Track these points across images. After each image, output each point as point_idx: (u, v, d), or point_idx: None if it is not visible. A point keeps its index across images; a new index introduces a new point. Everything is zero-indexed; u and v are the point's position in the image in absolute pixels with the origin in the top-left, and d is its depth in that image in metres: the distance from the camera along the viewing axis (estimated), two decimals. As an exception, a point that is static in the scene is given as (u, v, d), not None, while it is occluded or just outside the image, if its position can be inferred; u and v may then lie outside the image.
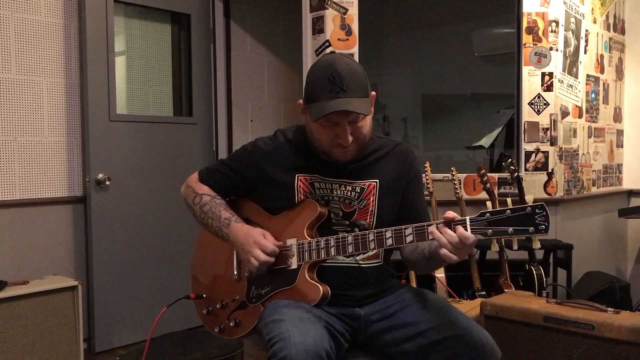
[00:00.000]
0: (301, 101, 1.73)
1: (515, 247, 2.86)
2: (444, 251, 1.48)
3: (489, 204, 2.80)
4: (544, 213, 1.40)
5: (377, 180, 1.77)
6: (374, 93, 1.70)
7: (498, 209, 1.46)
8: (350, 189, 1.76)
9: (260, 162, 1.79)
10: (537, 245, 2.86)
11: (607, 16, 3.96)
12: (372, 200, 1.76)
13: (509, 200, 2.72)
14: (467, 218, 1.47)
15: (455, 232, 1.47)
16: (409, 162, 1.83)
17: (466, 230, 1.46)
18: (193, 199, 1.88)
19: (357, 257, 1.74)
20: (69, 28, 3.40)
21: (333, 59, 1.65)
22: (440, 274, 2.86)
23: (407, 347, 1.65)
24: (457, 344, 1.56)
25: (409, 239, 1.55)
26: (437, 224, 1.50)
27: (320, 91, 1.62)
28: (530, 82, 3.38)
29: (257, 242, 1.71)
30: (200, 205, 1.86)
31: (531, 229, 1.41)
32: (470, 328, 1.58)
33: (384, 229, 1.59)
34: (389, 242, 1.58)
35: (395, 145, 1.84)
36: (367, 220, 1.75)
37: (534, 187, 3.36)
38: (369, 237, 1.61)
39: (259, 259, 1.70)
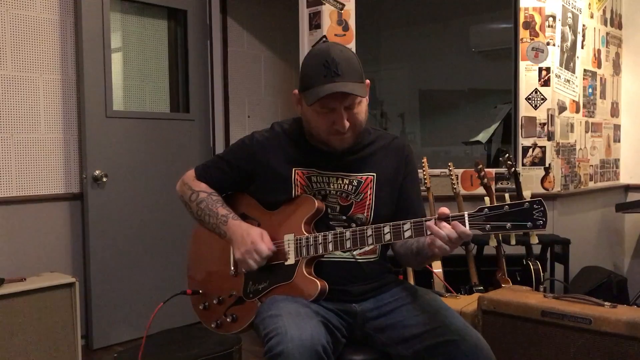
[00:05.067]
0: (296, 91, 1.72)
1: (513, 242, 2.88)
2: (439, 243, 1.48)
3: (487, 199, 2.80)
4: (542, 208, 1.40)
5: (375, 174, 1.77)
6: (368, 81, 1.70)
7: (496, 204, 1.47)
8: (347, 182, 1.75)
9: (257, 155, 1.78)
10: (534, 240, 2.86)
11: (604, 11, 3.96)
12: (370, 194, 1.76)
13: (506, 195, 2.72)
14: (466, 213, 1.48)
15: (453, 226, 1.47)
16: (405, 156, 1.83)
17: (464, 225, 1.47)
18: (189, 196, 1.87)
19: (354, 252, 1.74)
20: (65, 24, 3.39)
21: (327, 46, 1.66)
22: (437, 269, 2.86)
23: (402, 350, 1.65)
24: (452, 349, 1.55)
25: (407, 234, 1.55)
26: (434, 219, 1.51)
27: (315, 77, 1.61)
28: (528, 77, 3.38)
29: (255, 243, 1.70)
30: (197, 202, 1.84)
31: (529, 224, 1.41)
32: (465, 333, 1.58)
33: (382, 225, 1.59)
34: (387, 237, 1.58)
35: (392, 139, 1.84)
36: (365, 214, 1.75)
37: (531, 182, 3.36)
38: (367, 233, 1.61)
39: (256, 261, 1.69)
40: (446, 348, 1.56)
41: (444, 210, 1.51)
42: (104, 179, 3.38)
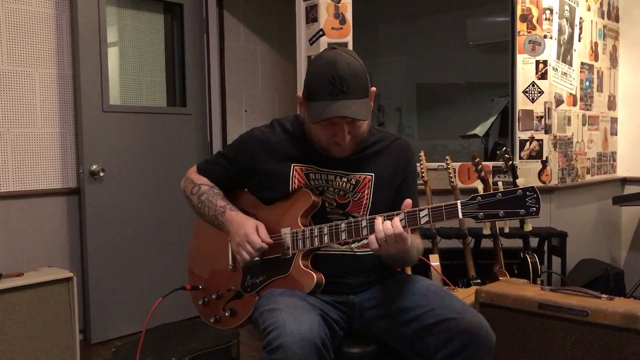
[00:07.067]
0: (300, 94, 1.72)
1: (506, 229, 2.88)
2: (370, 237, 1.55)
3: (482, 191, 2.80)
4: (535, 195, 1.41)
5: (373, 174, 1.78)
6: (374, 89, 1.69)
7: (489, 192, 1.47)
8: (345, 181, 1.76)
9: (256, 151, 1.79)
10: (528, 228, 2.85)
11: (601, 4, 3.95)
12: (367, 194, 1.76)
13: (500, 184, 2.72)
14: (458, 202, 1.48)
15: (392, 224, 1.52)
16: (406, 158, 1.83)
17: (458, 214, 1.48)
18: (191, 190, 1.89)
19: (353, 245, 1.75)
20: (61, 18, 3.37)
21: (334, 57, 1.62)
22: (435, 262, 2.86)
23: (402, 332, 1.65)
24: (451, 327, 1.56)
25: (402, 224, 1.55)
26: (429, 209, 1.52)
27: (321, 91, 1.61)
28: (525, 70, 3.37)
29: (247, 235, 1.71)
30: (199, 195, 1.86)
31: (522, 211, 1.42)
32: (464, 312, 1.58)
33: (376, 215, 1.60)
34: None
35: (394, 139, 1.84)
36: (361, 213, 1.76)
37: (528, 176, 3.36)
38: (361, 224, 1.62)
39: (249, 253, 1.70)
40: (446, 325, 1.57)
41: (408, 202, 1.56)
42: (101, 174, 3.37)
